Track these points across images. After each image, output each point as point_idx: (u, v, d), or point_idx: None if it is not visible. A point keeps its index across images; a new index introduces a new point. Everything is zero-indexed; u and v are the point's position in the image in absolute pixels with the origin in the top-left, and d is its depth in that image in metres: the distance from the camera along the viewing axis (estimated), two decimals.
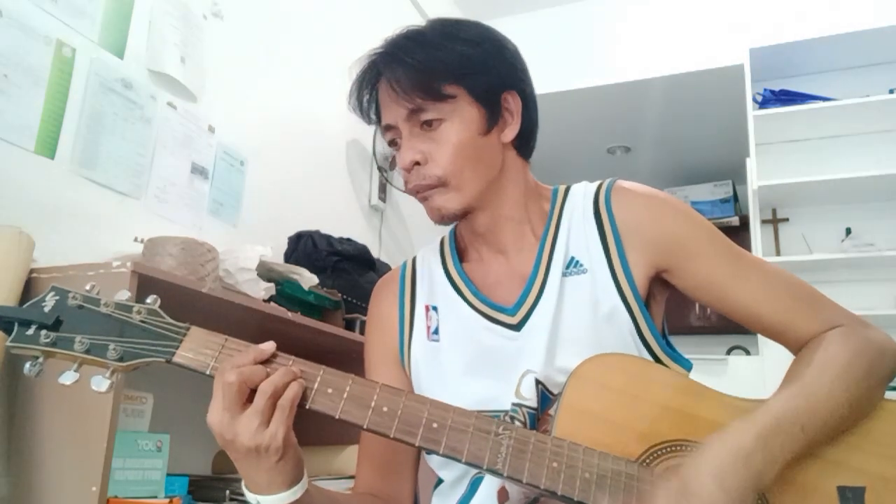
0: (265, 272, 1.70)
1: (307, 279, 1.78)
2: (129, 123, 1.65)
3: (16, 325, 0.72)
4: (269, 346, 0.75)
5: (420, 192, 0.90)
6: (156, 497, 1.26)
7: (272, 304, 1.62)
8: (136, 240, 1.54)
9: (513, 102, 0.93)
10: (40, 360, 0.72)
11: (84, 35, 1.55)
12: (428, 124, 0.88)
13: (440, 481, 0.95)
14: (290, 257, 2.11)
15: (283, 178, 2.22)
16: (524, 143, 0.96)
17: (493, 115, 0.91)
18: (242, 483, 0.75)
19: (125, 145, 1.64)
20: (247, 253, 1.60)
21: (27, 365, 0.72)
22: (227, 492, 1.43)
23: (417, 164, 0.88)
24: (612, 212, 0.91)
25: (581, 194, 0.96)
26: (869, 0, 3.08)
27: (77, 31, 1.53)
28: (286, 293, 1.76)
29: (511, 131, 0.93)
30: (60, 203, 1.47)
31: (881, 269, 3.05)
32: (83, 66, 1.54)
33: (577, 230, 0.93)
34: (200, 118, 1.88)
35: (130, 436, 1.27)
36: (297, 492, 0.74)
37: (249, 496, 0.75)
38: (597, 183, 0.97)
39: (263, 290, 1.58)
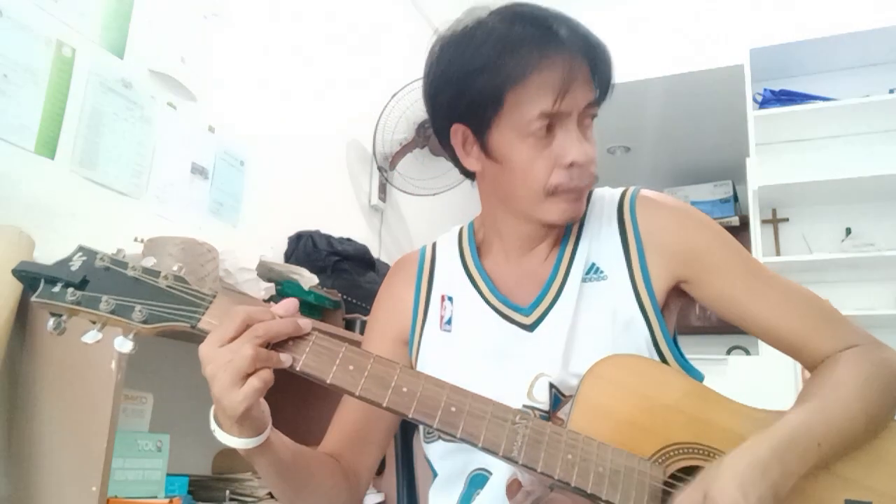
0: (265, 272, 1.70)
1: (307, 279, 1.79)
2: (129, 123, 1.65)
3: (42, 281, 0.72)
4: (305, 324, 0.75)
5: (581, 192, 0.88)
6: (156, 497, 1.26)
7: (272, 304, 1.62)
8: (136, 240, 1.54)
9: None
10: (64, 317, 0.72)
11: (84, 35, 1.55)
12: (592, 120, 0.89)
13: (435, 475, 0.95)
14: (290, 257, 2.11)
15: (283, 178, 2.22)
16: None
17: None
18: (212, 410, 0.73)
19: (125, 145, 1.64)
20: (247, 253, 1.60)
21: (51, 322, 0.71)
22: (227, 492, 1.43)
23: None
24: (636, 220, 0.92)
25: (604, 200, 0.96)
26: (869, 0, 3.08)
27: (77, 31, 1.53)
28: (286, 293, 1.76)
29: None
30: (60, 203, 1.47)
31: (881, 269, 3.05)
32: (83, 66, 1.54)
33: (600, 237, 0.93)
34: (200, 118, 1.88)
35: (130, 436, 1.27)
36: (248, 443, 0.72)
37: (212, 421, 0.73)
38: (620, 190, 0.97)
39: (263, 290, 1.58)
